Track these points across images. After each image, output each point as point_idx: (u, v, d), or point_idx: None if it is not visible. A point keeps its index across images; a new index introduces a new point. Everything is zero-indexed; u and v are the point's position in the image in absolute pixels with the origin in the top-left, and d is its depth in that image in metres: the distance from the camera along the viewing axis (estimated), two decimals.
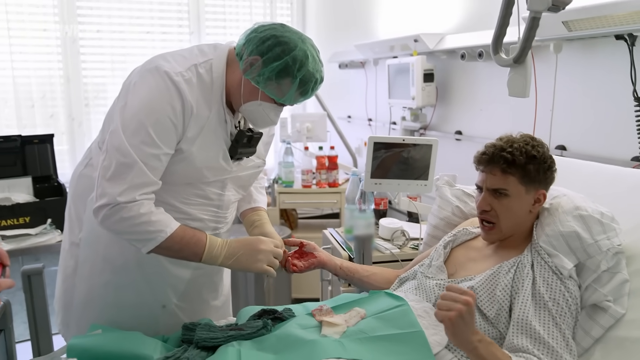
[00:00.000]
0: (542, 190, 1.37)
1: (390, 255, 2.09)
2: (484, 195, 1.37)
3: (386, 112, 3.96)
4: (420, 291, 1.45)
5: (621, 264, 1.31)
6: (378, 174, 2.01)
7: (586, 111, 2.35)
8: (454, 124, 3.28)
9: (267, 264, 1.39)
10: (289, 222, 3.73)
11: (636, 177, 1.50)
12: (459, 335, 1.10)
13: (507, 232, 1.37)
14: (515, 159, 1.31)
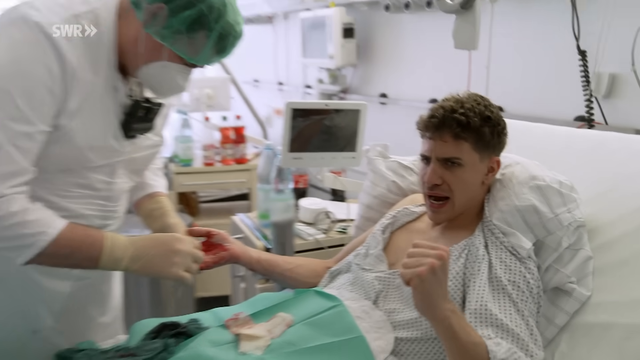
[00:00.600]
0: (495, 157, 1.31)
1: (314, 242, 2.00)
2: (433, 167, 1.29)
3: (299, 74, 3.86)
4: (357, 287, 1.36)
5: (583, 239, 1.29)
6: (297, 146, 1.89)
7: (525, 68, 2.36)
8: (377, 86, 3.24)
9: (184, 269, 1.25)
10: (188, 208, 3.57)
11: (590, 139, 1.49)
12: (429, 298, 1.02)
13: (459, 209, 1.31)
14: (470, 121, 1.24)
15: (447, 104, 1.28)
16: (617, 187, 1.33)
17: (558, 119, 2.09)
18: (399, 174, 1.65)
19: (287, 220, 1.72)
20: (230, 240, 1.48)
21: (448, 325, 1.04)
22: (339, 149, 1.93)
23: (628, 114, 2.00)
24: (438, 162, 1.29)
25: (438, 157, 1.28)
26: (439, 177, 1.29)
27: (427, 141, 1.31)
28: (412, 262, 1.02)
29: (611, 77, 2.02)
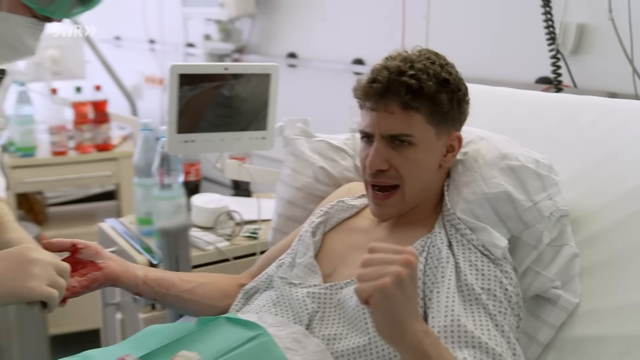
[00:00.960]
0: (455, 132, 1.32)
1: (215, 252, 1.95)
2: (377, 147, 1.27)
3: (178, 28, 3.77)
4: (283, 308, 1.33)
5: (566, 232, 1.33)
6: (188, 126, 1.83)
7: (473, 17, 2.42)
8: (284, 44, 3.23)
9: (47, 282, 1.17)
10: (32, 214, 3.42)
11: (565, 106, 1.54)
12: (396, 319, 0.98)
13: (411, 201, 1.30)
14: (423, 86, 1.23)
15: (393, 64, 1.26)
16: (600, 165, 1.39)
17: (516, 82, 2.15)
18: (329, 157, 1.64)
19: (180, 225, 1.66)
20: (104, 255, 1.40)
21: (422, 353, 1.01)
22: (241, 128, 1.88)
23: (599, 73, 2.10)
24: (383, 141, 1.27)
25: (383, 134, 1.27)
26: (385, 160, 1.28)
27: (367, 113, 1.30)
28: (370, 273, 0.98)
29: (579, 27, 2.11)
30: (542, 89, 2.13)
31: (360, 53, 2.88)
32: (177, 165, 1.90)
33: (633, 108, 1.43)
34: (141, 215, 2.05)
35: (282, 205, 1.68)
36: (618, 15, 1.88)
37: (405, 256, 0.98)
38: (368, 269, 0.98)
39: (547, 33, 2.11)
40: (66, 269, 1.23)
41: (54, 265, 1.20)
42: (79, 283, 1.37)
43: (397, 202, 1.31)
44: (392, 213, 1.33)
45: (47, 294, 1.16)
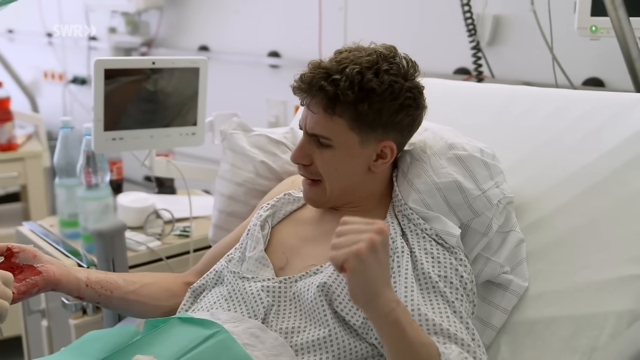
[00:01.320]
0: (387, 140, 1.27)
1: (147, 253, 1.88)
2: (302, 142, 1.29)
3: (80, 21, 3.60)
4: (236, 303, 1.29)
5: (512, 218, 1.36)
6: (115, 122, 1.76)
7: (392, 7, 2.45)
8: (195, 36, 3.15)
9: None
10: None
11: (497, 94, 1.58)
12: (370, 284, 1.00)
13: (335, 198, 1.31)
14: (339, 94, 1.20)
15: (326, 64, 1.24)
16: (539, 153, 1.43)
17: (435, 73, 2.18)
18: (269, 151, 1.61)
19: (116, 226, 1.59)
20: (43, 258, 1.32)
21: (394, 321, 1.02)
22: (170, 124, 1.83)
23: (514, 63, 2.17)
24: (308, 137, 1.28)
25: (308, 131, 1.28)
26: (306, 155, 1.29)
27: (303, 108, 1.30)
28: (344, 242, 0.99)
29: (495, 19, 2.18)
30: (463, 80, 2.19)
31: (276, 45, 2.85)
32: (103, 164, 1.83)
33: (567, 96, 1.48)
34: (64, 217, 1.96)
35: (223, 202, 1.63)
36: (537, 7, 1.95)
37: (377, 225, 0.99)
38: (342, 238, 1.00)
39: (467, 25, 2.16)
40: (9, 278, 1.15)
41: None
42: (17, 289, 1.28)
43: (318, 193, 1.31)
44: (316, 201, 1.34)
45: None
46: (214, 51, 3.07)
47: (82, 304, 1.79)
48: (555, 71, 1.94)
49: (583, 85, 1.97)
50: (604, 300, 1.21)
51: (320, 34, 2.63)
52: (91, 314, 1.81)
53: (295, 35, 2.77)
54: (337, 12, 2.59)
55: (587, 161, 1.35)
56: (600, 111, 1.41)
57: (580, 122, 1.41)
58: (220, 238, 1.62)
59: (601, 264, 1.25)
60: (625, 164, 1.31)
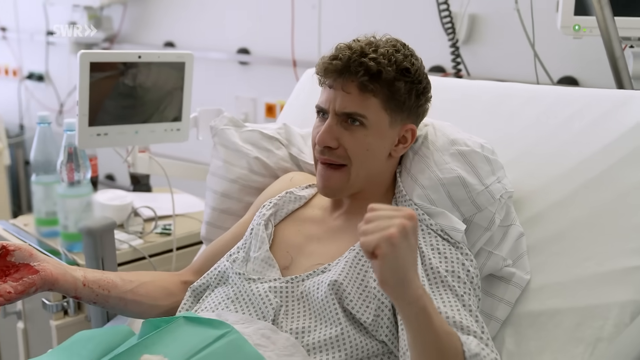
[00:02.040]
0: (410, 124, 1.31)
1: (130, 251, 1.85)
2: (330, 124, 1.26)
3: (38, 15, 3.50)
4: (243, 304, 1.27)
5: (512, 213, 1.37)
6: (99, 118, 1.72)
7: (368, 6, 2.46)
8: (161, 32, 3.10)
9: None
10: None
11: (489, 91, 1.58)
12: (401, 270, 0.98)
13: (355, 184, 1.30)
14: (382, 70, 1.22)
15: (357, 45, 1.26)
16: (533, 149, 1.45)
17: None
18: (263, 147, 1.59)
19: (106, 223, 1.54)
20: (39, 257, 1.28)
21: (422, 307, 1.01)
22: (143, 120, 1.78)
23: (490, 62, 2.20)
24: (336, 118, 1.26)
25: (337, 112, 1.26)
26: (335, 138, 1.26)
27: (325, 90, 1.28)
28: (374, 228, 0.97)
29: (471, 18, 2.21)
30: (442, 75, 2.21)
31: (245, 42, 2.83)
32: (85, 160, 1.78)
33: (559, 93, 1.51)
34: (41, 215, 1.90)
35: (216, 199, 1.60)
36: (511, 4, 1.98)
37: (406, 211, 0.98)
38: (371, 224, 0.98)
39: (445, 23, 2.19)
40: None
41: None
42: (15, 288, 1.24)
43: (341, 179, 1.29)
44: (336, 190, 1.31)
45: None
46: (180, 47, 3.03)
47: (63, 304, 1.75)
48: (537, 69, 1.98)
49: (558, 84, 2.02)
50: (607, 292, 1.24)
51: (292, 31, 2.62)
52: (72, 314, 1.76)
53: (266, 32, 2.76)
54: (310, 10, 2.59)
55: (583, 156, 1.38)
56: (592, 108, 1.43)
57: (574, 118, 1.44)
58: (213, 235, 1.59)
59: (602, 256, 1.27)
60: (621, 159, 1.33)
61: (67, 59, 3.38)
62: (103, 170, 3.04)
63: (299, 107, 1.82)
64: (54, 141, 1.88)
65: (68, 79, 3.42)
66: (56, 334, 1.73)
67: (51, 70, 3.60)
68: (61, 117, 3.47)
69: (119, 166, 2.94)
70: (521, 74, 2.05)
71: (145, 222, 1.98)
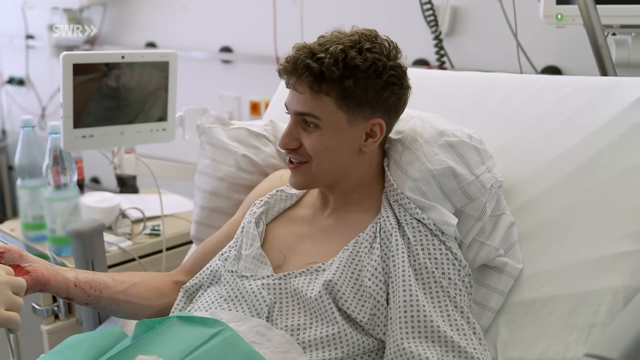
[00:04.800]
0: (376, 118, 1.28)
1: (119, 253, 1.83)
2: (290, 126, 1.29)
3: (17, 18, 3.47)
4: (237, 303, 1.26)
5: (502, 202, 1.37)
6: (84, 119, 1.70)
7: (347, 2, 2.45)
8: (142, 33, 3.08)
9: (4, 306, 1.02)
10: None
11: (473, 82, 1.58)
12: None
13: (321, 180, 1.31)
14: (325, 70, 1.21)
15: (311, 45, 1.25)
16: (521, 138, 1.44)
17: None
18: (250, 144, 1.58)
19: (95, 226, 1.52)
20: (30, 258, 1.25)
21: None
22: (128, 120, 1.76)
23: (472, 53, 2.21)
24: (296, 119, 1.28)
25: (295, 112, 1.27)
26: (295, 139, 1.28)
27: (289, 90, 1.30)
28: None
29: (453, 10, 2.21)
30: (427, 67, 2.21)
31: (228, 41, 2.81)
32: (71, 163, 1.76)
33: (544, 82, 1.51)
34: (28, 220, 1.88)
35: (204, 197, 1.59)
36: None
37: None
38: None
39: (427, 16, 2.19)
40: (22, 285, 1.10)
41: (8, 284, 1.06)
42: None
43: (303, 173, 1.30)
44: (301, 183, 1.32)
45: (5, 320, 1.03)
46: (162, 47, 3.01)
47: (53, 308, 1.73)
48: (520, 60, 1.98)
49: (542, 74, 2.02)
50: (599, 278, 1.24)
51: (275, 28, 2.61)
52: (63, 318, 1.75)
53: (248, 30, 2.74)
54: (291, 6, 2.58)
55: (571, 144, 1.37)
56: (577, 95, 1.43)
57: (560, 106, 1.44)
58: (203, 234, 1.58)
59: (594, 243, 1.27)
60: (609, 145, 1.34)
61: (48, 63, 3.35)
62: (88, 173, 3.01)
63: None
64: (38, 145, 1.85)
65: (49, 83, 3.39)
66: (47, 338, 1.71)
67: (32, 74, 3.56)
68: (43, 121, 3.43)
69: (104, 168, 2.92)
70: (505, 64, 2.05)
71: (134, 224, 1.96)
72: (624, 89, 1.39)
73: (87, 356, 1.26)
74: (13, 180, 3.22)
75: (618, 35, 1.72)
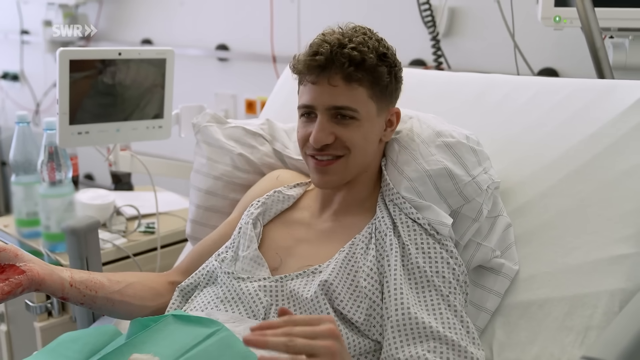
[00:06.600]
0: (392, 107, 1.32)
1: (113, 251, 1.82)
2: (321, 121, 1.24)
3: (11, 14, 3.45)
4: (233, 304, 1.25)
5: (499, 203, 1.37)
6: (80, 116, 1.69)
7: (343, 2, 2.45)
8: (138, 29, 3.07)
9: None
10: None
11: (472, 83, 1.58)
12: None
13: (352, 172, 1.29)
14: (365, 58, 1.21)
15: (332, 38, 1.24)
16: (518, 139, 1.44)
17: None
18: (246, 143, 1.57)
19: (90, 222, 1.51)
20: (25, 257, 1.24)
21: None
22: (123, 117, 1.75)
23: (469, 54, 2.20)
24: (327, 114, 1.24)
25: (327, 106, 1.24)
26: (330, 133, 1.25)
27: (308, 88, 1.25)
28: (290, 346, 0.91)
29: (451, 11, 2.21)
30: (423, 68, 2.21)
31: (224, 38, 2.81)
32: (66, 159, 1.75)
33: (541, 84, 1.51)
34: (22, 216, 1.87)
35: (200, 196, 1.58)
36: None
37: (328, 326, 0.96)
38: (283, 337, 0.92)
39: (425, 17, 2.18)
40: None
41: None
42: (1, 289, 1.21)
43: (339, 169, 1.28)
44: (334, 181, 1.30)
45: None
46: (158, 44, 3.00)
47: (47, 305, 1.72)
48: (517, 61, 1.98)
49: (539, 75, 2.03)
50: (596, 280, 1.24)
51: (271, 26, 2.61)
52: (57, 315, 1.74)
53: (245, 28, 2.73)
54: (289, 4, 2.57)
55: (569, 146, 1.38)
56: (575, 98, 1.43)
57: (558, 108, 1.44)
58: (199, 233, 1.57)
59: (590, 245, 1.27)
60: (606, 148, 1.34)
61: (43, 58, 3.33)
62: (82, 169, 2.99)
63: (282, 103, 1.80)
64: (33, 141, 1.84)
65: (44, 78, 3.37)
66: (40, 335, 1.70)
67: (26, 69, 3.54)
68: (38, 116, 3.41)
69: (99, 165, 2.90)
70: (502, 66, 2.05)
71: (128, 221, 1.95)
72: (621, 91, 1.39)
73: (81, 354, 1.25)
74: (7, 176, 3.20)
75: (615, 38, 1.72)
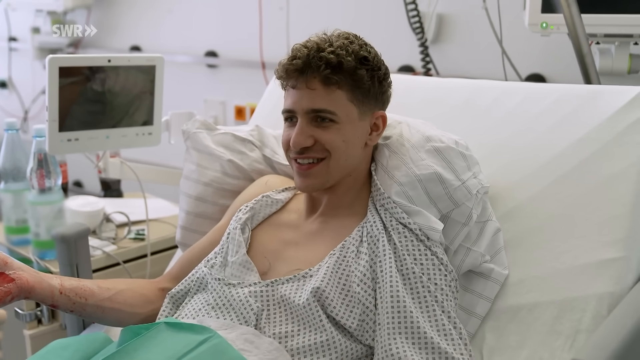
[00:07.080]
0: (379, 111, 1.33)
1: (103, 257, 1.82)
2: (301, 125, 1.26)
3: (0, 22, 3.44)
4: (224, 311, 1.25)
5: (488, 208, 1.38)
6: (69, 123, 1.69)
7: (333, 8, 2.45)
8: (127, 36, 3.07)
9: None
10: None
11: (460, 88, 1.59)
12: None
13: (335, 176, 1.30)
14: (342, 61, 1.23)
15: (311, 43, 1.26)
16: (506, 144, 1.45)
17: None
18: (236, 150, 1.57)
19: (80, 230, 1.51)
20: (14, 265, 1.24)
21: None
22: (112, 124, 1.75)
23: (457, 60, 2.22)
24: (306, 118, 1.26)
25: (306, 110, 1.26)
26: (309, 136, 1.26)
27: (289, 92, 1.28)
28: None
29: (439, 18, 2.22)
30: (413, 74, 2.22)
31: (213, 45, 2.81)
32: (56, 166, 1.75)
33: (529, 90, 1.52)
34: (11, 223, 1.86)
35: (190, 203, 1.58)
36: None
37: None
38: None
39: (414, 23, 2.20)
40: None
41: None
42: None
43: (321, 172, 1.29)
44: (316, 184, 1.31)
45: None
46: (147, 51, 3.00)
47: (37, 313, 1.72)
48: (505, 67, 1.99)
49: (526, 81, 2.04)
50: (584, 284, 1.25)
51: (260, 33, 2.61)
52: (47, 323, 1.73)
53: (234, 35, 2.74)
54: (277, 11, 2.58)
55: (556, 151, 1.39)
56: (563, 103, 1.44)
57: (546, 114, 1.45)
58: (189, 240, 1.57)
59: (579, 250, 1.28)
60: (593, 153, 1.35)
61: (31, 65, 3.32)
62: (71, 176, 2.99)
63: (271, 109, 1.80)
64: (22, 148, 1.83)
65: (32, 85, 3.35)
66: (30, 343, 1.69)
67: (14, 76, 3.53)
68: (26, 124, 3.40)
69: (88, 172, 2.90)
70: (489, 72, 2.07)
71: (118, 228, 1.94)
72: (608, 97, 1.41)
73: None
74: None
75: (602, 44, 1.74)
